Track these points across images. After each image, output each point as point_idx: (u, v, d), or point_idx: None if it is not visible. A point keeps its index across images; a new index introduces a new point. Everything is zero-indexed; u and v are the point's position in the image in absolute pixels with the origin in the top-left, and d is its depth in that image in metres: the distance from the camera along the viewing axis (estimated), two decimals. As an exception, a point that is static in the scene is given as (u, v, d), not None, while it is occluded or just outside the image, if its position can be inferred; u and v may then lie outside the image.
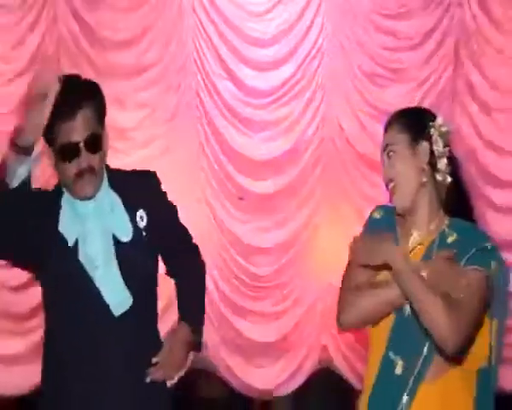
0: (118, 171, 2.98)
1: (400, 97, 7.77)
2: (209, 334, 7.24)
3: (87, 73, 6.60)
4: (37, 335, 7.19)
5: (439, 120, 2.86)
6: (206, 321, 3.24)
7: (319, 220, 7.81)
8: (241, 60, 7.89)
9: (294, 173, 7.97)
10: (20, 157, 2.60)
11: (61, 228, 2.80)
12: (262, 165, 7.90)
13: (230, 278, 7.68)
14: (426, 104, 7.74)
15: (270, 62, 7.91)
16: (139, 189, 2.91)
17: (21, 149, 2.59)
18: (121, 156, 7.03)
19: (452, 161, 2.86)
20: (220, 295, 7.63)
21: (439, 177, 2.80)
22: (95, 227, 2.81)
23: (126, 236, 2.84)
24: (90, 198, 2.81)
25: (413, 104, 7.65)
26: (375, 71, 7.90)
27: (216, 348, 7.51)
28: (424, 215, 2.81)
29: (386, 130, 2.91)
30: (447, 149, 2.83)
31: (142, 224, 2.87)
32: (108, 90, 3.02)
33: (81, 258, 2.78)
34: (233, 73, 7.91)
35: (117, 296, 2.81)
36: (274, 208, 7.87)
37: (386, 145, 2.86)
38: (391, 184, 2.84)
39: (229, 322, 7.62)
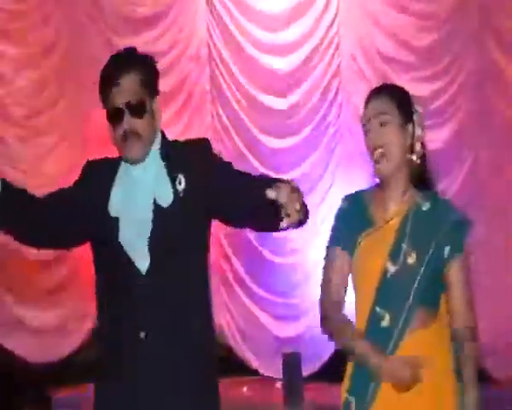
0: (172, 141, 3.03)
1: (420, 80, 7.62)
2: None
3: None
4: (65, 308, 7.68)
5: (419, 107, 3.10)
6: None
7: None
8: (256, 44, 7.81)
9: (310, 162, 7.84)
10: None
11: (111, 199, 2.91)
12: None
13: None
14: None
15: (286, 46, 7.80)
16: (183, 155, 2.95)
17: None
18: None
19: (424, 145, 3.11)
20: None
21: (413, 157, 3.04)
22: (138, 193, 2.90)
23: (166, 201, 2.88)
24: (137, 162, 2.90)
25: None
26: (392, 53, 7.75)
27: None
28: (400, 190, 3.04)
29: (373, 97, 3.05)
30: (423, 133, 3.08)
31: (180, 187, 2.90)
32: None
33: (122, 228, 2.88)
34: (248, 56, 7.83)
35: (140, 258, 2.87)
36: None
37: (379, 113, 3.01)
38: (380, 150, 3.00)
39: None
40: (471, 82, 7.75)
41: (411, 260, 2.98)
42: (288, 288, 7.78)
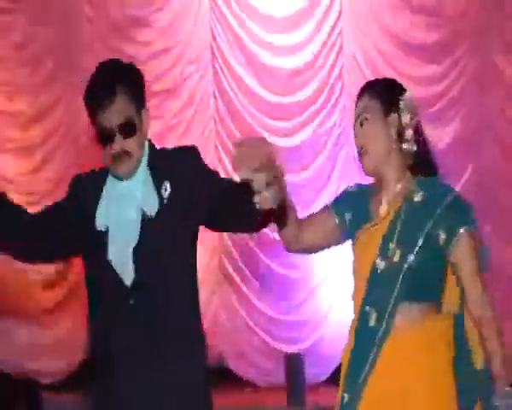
0: (160, 150, 3.00)
1: (422, 81, 7.61)
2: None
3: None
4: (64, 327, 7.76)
5: (408, 94, 3.05)
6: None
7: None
8: (260, 44, 7.80)
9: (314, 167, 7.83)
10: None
11: (98, 213, 2.90)
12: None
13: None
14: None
15: (289, 47, 7.79)
16: (170, 162, 2.92)
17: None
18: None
19: (419, 130, 3.05)
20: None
21: (405, 145, 2.99)
22: (127, 207, 2.87)
23: (152, 210, 2.85)
24: (126, 178, 2.89)
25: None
26: (394, 54, 7.75)
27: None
28: (392, 181, 3.00)
29: (358, 99, 3.07)
30: (414, 120, 3.02)
31: (165, 194, 2.87)
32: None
33: (110, 243, 2.87)
34: (252, 57, 7.80)
35: (125, 271, 2.86)
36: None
37: (359, 114, 3.02)
38: (361, 149, 3.00)
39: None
40: (473, 83, 7.73)
41: (396, 257, 2.93)
42: (293, 304, 7.70)
